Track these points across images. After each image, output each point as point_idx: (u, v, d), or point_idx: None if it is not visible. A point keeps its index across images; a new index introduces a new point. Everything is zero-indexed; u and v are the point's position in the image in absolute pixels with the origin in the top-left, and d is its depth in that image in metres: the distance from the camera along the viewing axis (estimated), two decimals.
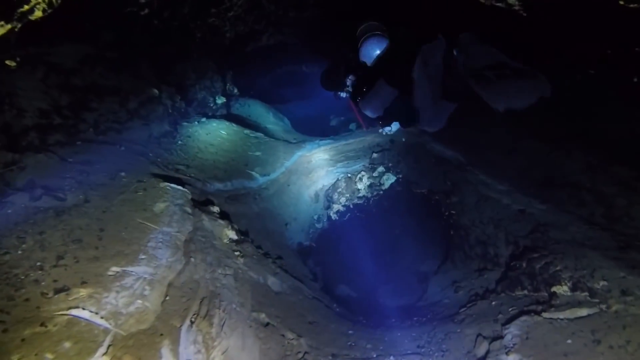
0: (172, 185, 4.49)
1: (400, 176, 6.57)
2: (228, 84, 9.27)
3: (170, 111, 6.58)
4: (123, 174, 4.52)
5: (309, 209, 6.59)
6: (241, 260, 4.27)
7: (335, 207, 6.63)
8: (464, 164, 6.42)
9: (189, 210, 4.21)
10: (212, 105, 8.13)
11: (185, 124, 6.81)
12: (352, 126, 10.34)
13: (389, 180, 6.54)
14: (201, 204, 4.76)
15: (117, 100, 5.81)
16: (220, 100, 8.42)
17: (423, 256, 6.23)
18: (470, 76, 4.14)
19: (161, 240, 3.64)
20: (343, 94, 5.35)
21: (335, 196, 6.64)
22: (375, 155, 6.88)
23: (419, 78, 4.37)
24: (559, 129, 6.33)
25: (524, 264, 4.34)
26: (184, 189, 4.54)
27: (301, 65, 12.94)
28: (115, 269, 3.18)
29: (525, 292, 4.20)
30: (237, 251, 4.35)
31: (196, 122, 6.92)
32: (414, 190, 6.35)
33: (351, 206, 6.66)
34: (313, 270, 6.18)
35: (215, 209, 4.75)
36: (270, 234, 5.72)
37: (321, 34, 9.25)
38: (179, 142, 6.24)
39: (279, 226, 6.03)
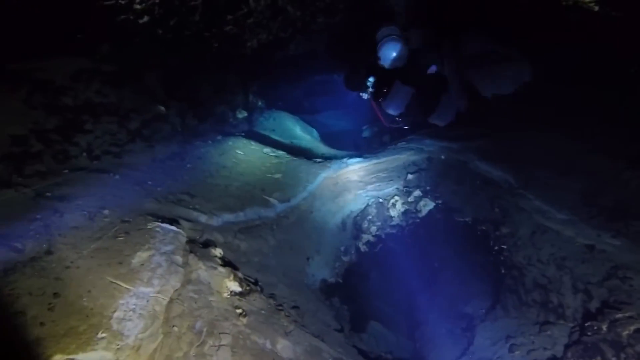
0: (164, 225, 3.67)
1: (440, 202, 5.58)
2: (251, 96, 8.44)
3: (179, 129, 5.79)
4: (106, 211, 3.72)
5: (334, 239, 5.68)
6: (244, 320, 3.38)
7: (365, 237, 5.68)
8: (515, 187, 5.40)
9: (179, 259, 3.36)
10: (232, 120, 7.32)
11: (198, 143, 6.00)
12: (386, 138, 9.39)
13: (426, 206, 5.57)
14: (202, 245, 3.90)
15: (116, 120, 5.07)
16: (242, 114, 7.61)
17: (467, 295, 5.21)
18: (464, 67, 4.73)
19: (134, 306, 2.79)
20: (365, 95, 5.74)
21: (365, 224, 5.70)
22: (410, 176, 5.91)
23: (450, 74, 4.96)
24: (632, 145, 5.25)
25: (605, 327, 3.32)
26: (177, 230, 3.70)
27: (332, 74, 12.04)
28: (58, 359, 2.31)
29: None
30: (239, 308, 3.47)
31: (209, 142, 6.10)
32: (456, 219, 5.36)
33: (383, 236, 5.70)
34: (339, 312, 5.26)
35: (218, 252, 3.89)
36: (288, 272, 4.84)
37: (350, 40, 8.40)
38: (188, 165, 5.43)
39: (299, 261, 5.14)
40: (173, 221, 3.91)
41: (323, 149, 8.30)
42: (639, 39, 5.48)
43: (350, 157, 6.43)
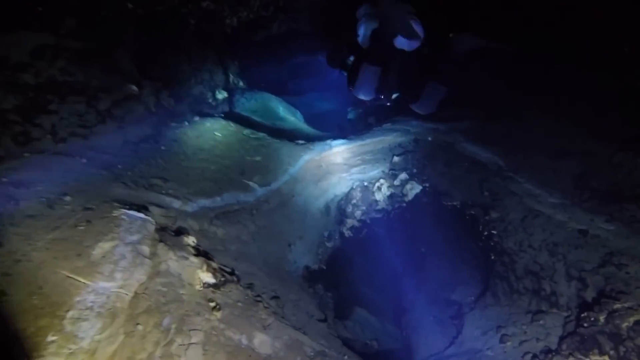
0: (131, 212, 3.36)
1: (427, 185, 5.30)
2: (232, 77, 8.07)
3: (153, 110, 5.44)
4: (68, 198, 3.40)
5: (318, 224, 5.39)
6: (217, 314, 3.11)
7: (349, 222, 5.40)
8: (505, 170, 5.16)
9: (145, 250, 3.06)
10: (211, 101, 6.96)
11: (174, 124, 5.66)
12: (371, 119, 9.10)
13: (413, 190, 5.29)
14: (173, 234, 3.60)
15: (84, 100, 4.70)
16: (222, 95, 7.25)
17: (455, 282, 4.99)
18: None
19: (91, 304, 2.49)
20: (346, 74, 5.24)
21: (350, 209, 5.42)
22: (396, 158, 5.62)
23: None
24: (624, 127, 5.03)
25: (602, 318, 3.10)
26: (146, 217, 3.39)
27: (317, 54, 11.67)
28: None
29: (607, 358, 2.94)
30: (213, 301, 3.19)
31: (186, 123, 5.75)
32: (444, 203, 5.10)
33: (368, 221, 5.42)
34: (323, 299, 5.01)
35: (190, 240, 3.59)
36: (268, 260, 4.57)
37: (333, 18, 8.05)
38: (162, 147, 5.09)
39: (280, 248, 4.86)
40: (142, 208, 3.60)
41: (306, 130, 7.99)
42: (630, 17, 5.28)
43: (334, 138, 6.13)
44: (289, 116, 8.64)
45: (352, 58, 5.15)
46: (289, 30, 9.44)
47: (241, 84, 8.40)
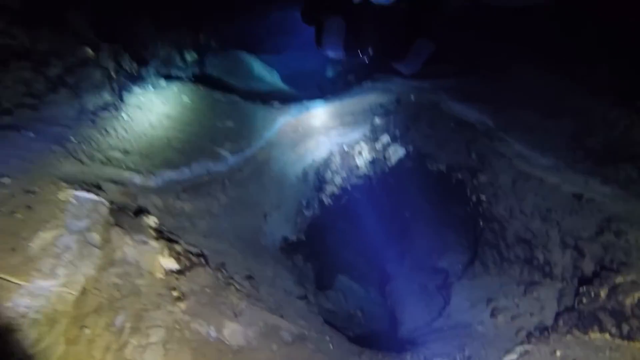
0: (81, 193, 2.95)
1: (411, 148, 4.92)
2: (202, 36, 7.51)
3: (113, 76, 4.92)
4: (6, 179, 2.97)
5: (295, 192, 5.02)
6: (182, 305, 2.77)
7: (329, 188, 5.03)
8: (493, 130, 4.80)
9: (95, 238, 2.68)
10: (179, 63, 6.44)
11: (137, 90, 5.17)
12: (351, 77, 8.64)
13: (396, 153, 4.91)
14: (132, 215, 3.21)
15: (30, 66, 4.19)
16: (191, 56, 6.72)
17: (441, 248, 4.70)
18: None
19: (25, 310, 2.11)
20: None
21: (329, 175, 5.04)
22: (378, 120, 5.22)
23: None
24: (616, 81, 4.68)
25: (603, 294, 2.80)
26: (98, 198, 2.99)
27: (294, 10, 11.01)
28: None
29: (609, 337, 2.66)
30: (176, 290, 2.84)
31: (151, 88, 5.27)
32: (429, 167, 4.74)
33: (349, 188, 5.06)
34: (302, 271, 4.70)
35: (152, 220, 3.21)
36: (242, 234, 4.22)
37: None
38: (123, 116, 4.63)
39: (255, 220, 4.51)
40: (96, 187, 3.19)
41: (283, 91, 7.53)
42: None
43: (312, 99, 5.69)
44: (265, 76, 8.16)
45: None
46: None
47: (213, 43, 7.83)
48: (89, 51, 4.62)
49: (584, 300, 2.94)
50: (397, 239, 5.07)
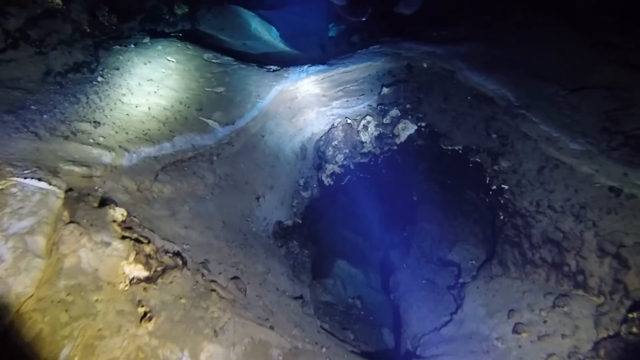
0: (27, 182, 2.35)
1: (423, 124, 4.28)
2: None
3: (87, 30, 4.24)
4: None
5: (292, 170, 4.41)
6: (148, 325, 2.21)
7: (330, 167, 4.42)
8: (515, 106, 4.17)
9: (39, 243, 2.09)
10: (168, 17, 5.72)
11: (116, 48, 4.48)
12: (355, 38, 7.90)
13: (406, 129, 4.27)
14: (95, 205, 2.61)
15: None
16: (181, 9, 5.99)
17: (451, 237, 4.15)
18: None
19: None
20: None
21: (330, 151, 4.42)
22: (386, 90, 4.55)
23: None
24: None
25: None
26: (50, 187, 2.39)
27: None
28: None
29: None
30: (143, 305, 2.28)
31: (132, 46, 4.57)
32: (443, 147, 4.12)
33: (352, 166, 4.44)
34: (298, 259, 4.16)
35: (118, 213, 2.60)
36: (231, 220, 3.64)
37: None
38: (98, 79, 3.98)
39: (246, 202, 3.92)
40: (50, 172, 2.58)
41: (281, 51, 6.81)
42: None
43: (312, 64, 5.01)
44: (263, 34, 7.42)
45: None
46: None
47: None
48: (56, 0, 3.91)
49: (634, 329, 2.40)
50: (402, 224, 4.51)
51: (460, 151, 4.05)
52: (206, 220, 3.43)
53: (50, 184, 2.41)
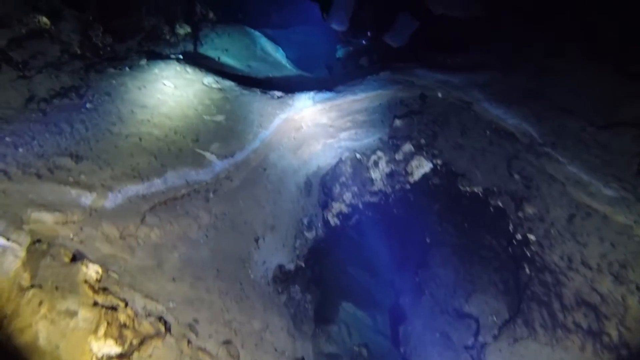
0: None
1: (439, 162, 3.88)
2: (200, 6, 6.39)
3: (77, 52, 3.89)
4: None
5: (295, 208, 4.02)
6: None
7: (337, 206, 4.01)
8: (539, 143, 3.78)
9: None
10: (168, 37, 5.37)
11: (110, 71, 4.12)
12: (364, 61, 7.57)
13: (420, 167, 3.87)
14: (65, 261, 2.22)
15: None
16: (184, 29, 5.65)
17: (468, 286, 3.73)
18: None
19: None
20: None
21: (337, 189, 4.02)
22: (398, 122, 4.17)
23: None
24: None
25: None
26: (7, 243, 2.00)
27: None
28: None
29: None
30: None
31: (127, 69, 4.21)
32: (461, 188, 3.72)
33: (360, 206, 4.04)
34: (299, 307, 3.74)
35: (91, 271, 2.22)
36: (225, 268, 3.24)
37: None
38: (87, 105, 3.61)
39: (243, 245, 3.52)
40: (12, 222, 2.19)
41: (287, 74, 6.44)
42: None
43: (319, 90, 4.63)
44: (269, 55, 7.06)
45: None
46: None
47: (211, 14, 6.72)
48: (43, 19, 3.58)
49: None
50: (414, 268, 4.09)
51: (480, 194, 3.65)
52: (198, 268, 3.03)
53: (8, 240, 2.02)
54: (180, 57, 5.04)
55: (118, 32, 4.52)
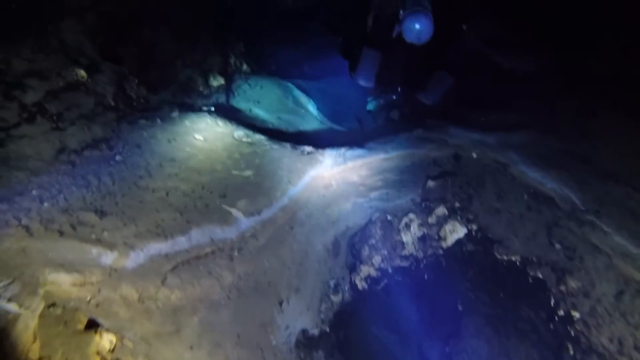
0: None
1: (474, 227, 3.70)
2: (234, 58, 6.47)
3: (111, 103, 3.91)
4: None
5: (322, 269, 3.85)
6: None
7: (365, 269, 3.83)
8: (581, 210, 3.55)
9: None
10: (202, 89, 5.40)
11: (142, 122, 4.11)
12: (395, 114, 7.50)
13: (454, 232, 3.68)
14: (79, 328, 2.09)
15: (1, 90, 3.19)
16: (217, 81, 5.68)
17: (503, 358, 3.44)
18: None
19: None
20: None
21: (366, 251, 3.85)
22: (431, 183, 4.02)
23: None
24: None
25: None
26: (19, 311, 1.88)
27: (339, 35, 9.98)
28: None
29: None
30: None
31: (159, 121, 4.20)
32: (497, 256, 3.51)
33: (390, 270, 3.85)
34: None
35: (105, 341, 2.10)
36: (247, 334, 3.06)
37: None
38: (117, 157, 3.58)
39: (266, 309, 3.35)
40: (27, 284, 2.08)
41: (317, 128, 6.39)
42: None
43: (350, 146, 4.54)
44: (300, 106, 7.05)
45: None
46: (307, 5, 7.87)
47: (245, 67, 6.79)
48: (81, 72, 3.59)
49: None
50: (445, 337, 3.84)
51: (517, 263, 3.43)
52: (218, 334, 2.87)
53: (20, 307, 1.91)
54: (212, 109, 5.04)
55: (153, 84, 4.55)
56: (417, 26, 3.81)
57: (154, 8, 4.74)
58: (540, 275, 3.29)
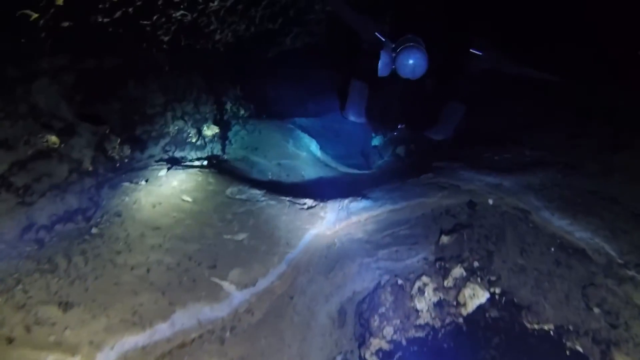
0: None
1: (497, 291, 3.20)
2: (230, 104, 6.15)
3: (88, 168, 3.53)
4: None
5: (327, 343, 3.37)
6: None
7: (376, 342, 3.33)
8: (619, 264, 3.08)
9: None
10: (194, 140, 5.04)
11: (124, 185, 3.73)
12: (400, 150, 7.15)
13: (475, 297, 3.18)
14: None
15: None
16: (211, 130, 5.33)
17: None
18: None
19: None
20: None
21: (376, 321, 3.36)
22: (445, 239, 3.56)
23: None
24: None
25: None
26: None
27: (339, 72, 9.74)
28: None
29: None
30: None
31: (143, 182, 3.81)
32: (527, 324, 3.02)
33: (404, 342, 3.36)
34: None
35: None
36: None
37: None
38: (92, 230, 3.17)
39: None
40: None
41: (320, 170, 6.00)
42: None
43: (353, 198, 4.11)
44: (302, 150, 6.67)
45: None
46: (304, 44, 7.61)
47: (242, 111, 6.46)
48: (52, 138, 3.23)
49: None
50: None
51: (551, 332, 2.93)
52: None
53: None
54: (205, 162, 4.67)
55: (139, 140, 4.20)
56: (411, 61, 3.81)
57: (143, 60, 4.43)
58: (579, 349, 2.79)
